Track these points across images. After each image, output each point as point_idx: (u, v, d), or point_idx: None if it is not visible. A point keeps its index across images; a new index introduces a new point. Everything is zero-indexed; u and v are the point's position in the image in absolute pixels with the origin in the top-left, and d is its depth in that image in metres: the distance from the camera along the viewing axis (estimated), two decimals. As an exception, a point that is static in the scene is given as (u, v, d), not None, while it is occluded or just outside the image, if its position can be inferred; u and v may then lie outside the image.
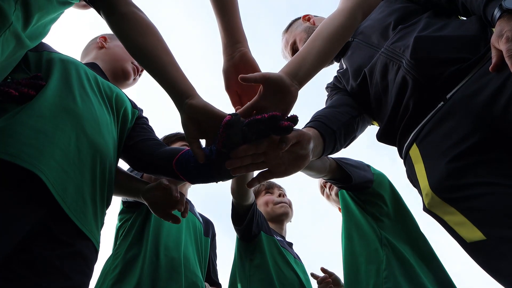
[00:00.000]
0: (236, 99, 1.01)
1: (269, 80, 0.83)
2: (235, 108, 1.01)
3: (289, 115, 0.86)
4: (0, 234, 0.69)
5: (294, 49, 1.52)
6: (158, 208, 1.15)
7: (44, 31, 0.88)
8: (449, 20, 1.04)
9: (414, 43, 0.98)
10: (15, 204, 0.74)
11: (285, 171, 0.92)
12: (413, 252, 1.36)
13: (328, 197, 1.91)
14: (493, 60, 0.79)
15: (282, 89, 0.84)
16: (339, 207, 1.90)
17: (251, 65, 0.98)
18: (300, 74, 0.88)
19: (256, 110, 0.85)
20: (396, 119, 1.05)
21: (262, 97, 0.84)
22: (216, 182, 1.04)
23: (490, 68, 0.79)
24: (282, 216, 1.92)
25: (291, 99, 0.86)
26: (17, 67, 0.95)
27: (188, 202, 1.17)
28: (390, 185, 1.56)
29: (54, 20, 0.91)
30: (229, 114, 0.81)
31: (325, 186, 1.89)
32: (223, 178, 1.01)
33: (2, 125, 0.78)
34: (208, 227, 1.78)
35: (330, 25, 0.96)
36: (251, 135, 0.83)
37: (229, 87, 1.01)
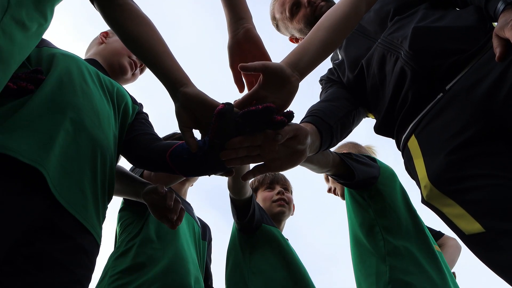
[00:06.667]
0: (239, 77, 1.00)
1: (268, 70, 0.81)
2: (236, 84, 1.00)
3: (285, 111, 0.85)
4: (1, 226, 0.70)
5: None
6: (155, 210, 1.15)
7: None
8: (447, 11, 1.03)
9: (412, 34, 0.97)
10: (16, 197, 0.74)
11: (281, 166, 0.90)
12: (421, 249, 1.34)
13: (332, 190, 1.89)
14: (499, 49, 0.78)
15: (282, 80, 0.82)
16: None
17: (255, 42, 0.97)
18: (301, 64, 0.85)
19: (256, 100, 0.83)
20: (394, 111, 1.04)
21: (262, 86, 0.82)
22: (209, 175, 1.02)
23: (496, 58, 0.78)
24: (278, 215, 1.92)
25: (292, 89, 0.84)
26: None
27: (184, 208, 1.16)
28: (397, 179, 1.52)
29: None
30: (222, 103, 0.78)
31: (330, 191, 1.87)
32: (217, 170, 0.99)
33: (2, 119, 0.79)
34: (205, 230, 1.76)
35: (333, 15, 0.94)
36: (244, 127, 0.81)
37: (233, 65, 1.00)
